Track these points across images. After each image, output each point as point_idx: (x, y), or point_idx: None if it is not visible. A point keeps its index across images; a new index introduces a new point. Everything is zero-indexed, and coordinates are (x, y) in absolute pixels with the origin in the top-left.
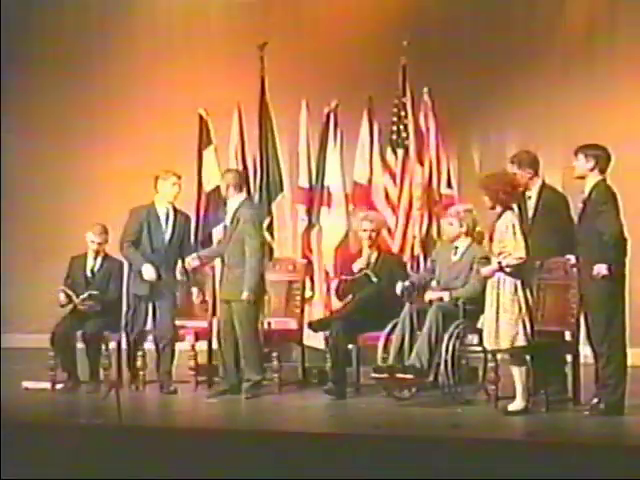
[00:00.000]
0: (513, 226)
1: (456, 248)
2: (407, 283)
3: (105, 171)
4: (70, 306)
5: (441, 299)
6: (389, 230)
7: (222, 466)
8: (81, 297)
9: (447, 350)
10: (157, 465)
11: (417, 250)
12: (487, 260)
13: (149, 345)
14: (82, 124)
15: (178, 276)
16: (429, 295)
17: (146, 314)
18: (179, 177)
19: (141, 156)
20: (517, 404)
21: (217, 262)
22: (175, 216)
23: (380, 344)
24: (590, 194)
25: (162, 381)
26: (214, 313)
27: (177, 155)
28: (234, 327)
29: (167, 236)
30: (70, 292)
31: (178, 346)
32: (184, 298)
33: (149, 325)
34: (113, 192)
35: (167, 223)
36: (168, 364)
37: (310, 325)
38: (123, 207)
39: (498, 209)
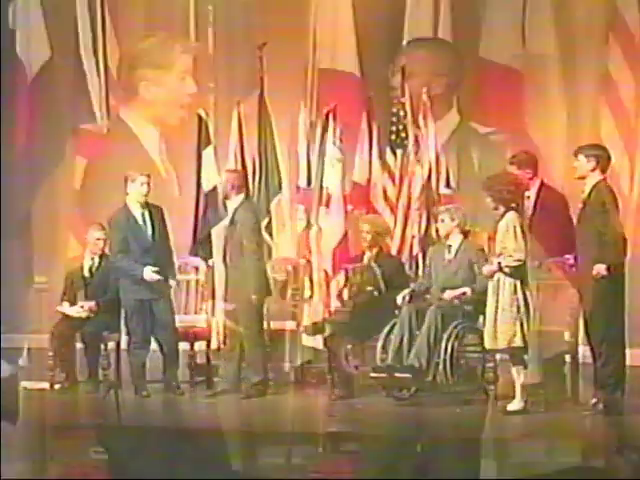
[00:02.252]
0: (514, 227)
1: (449, 246)
2: (407, 292)
3: (105, 171)
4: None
5: (464, 294)
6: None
7: (221, 466)
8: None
9: (446, 350)
10: (156, 465)
11: (416, 250)
12: (482, 252)
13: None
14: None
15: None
16: (449, 294)
17: (151, 317)
18: (148, 176)
19: (141, 156)
20: (516, 404)
21: (217, 262)
22: (150, 213)
23: (379, 344)
24: (590, 194)
25: (169, 383)
26: (213, 313)
27: (177, 155)
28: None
29: (150, 235)
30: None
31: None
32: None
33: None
34: (113, 192)
35: (145, 223)
36: (175, 365)
37: (305, 330)
38: None
39: (501, 210)
